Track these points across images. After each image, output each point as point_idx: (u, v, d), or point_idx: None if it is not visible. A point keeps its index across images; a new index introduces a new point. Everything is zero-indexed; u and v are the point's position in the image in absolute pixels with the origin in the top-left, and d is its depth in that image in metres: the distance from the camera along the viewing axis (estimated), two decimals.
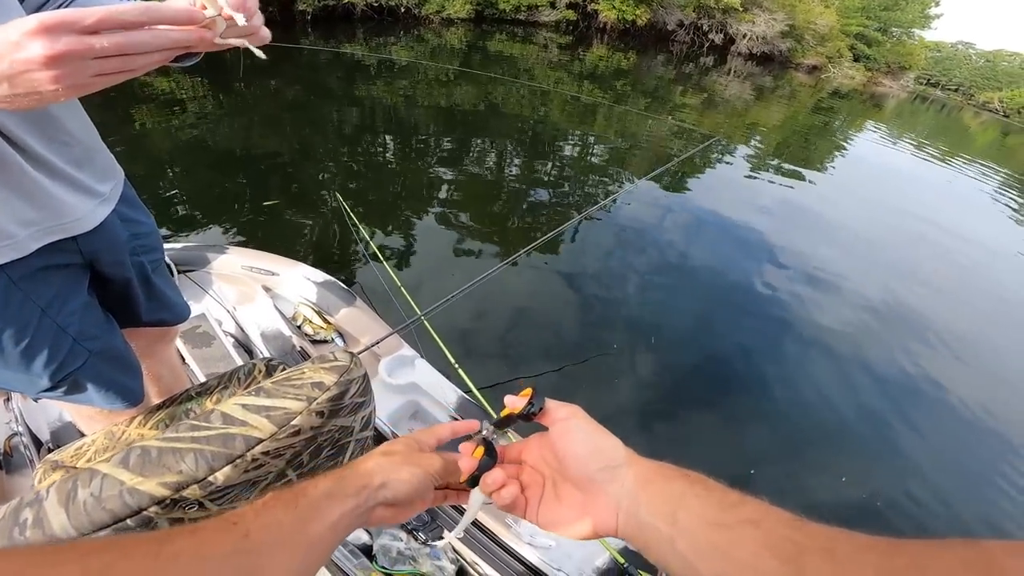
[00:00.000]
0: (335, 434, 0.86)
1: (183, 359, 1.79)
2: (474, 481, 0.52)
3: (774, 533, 0.36)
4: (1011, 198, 11.99)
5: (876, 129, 17.03)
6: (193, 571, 0.35)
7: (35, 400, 1.51)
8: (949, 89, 67.78)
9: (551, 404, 0.53)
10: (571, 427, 0.51)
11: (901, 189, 9.67)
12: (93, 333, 0.93)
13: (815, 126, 14.42)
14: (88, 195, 0.86)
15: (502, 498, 0.51)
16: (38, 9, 0.74)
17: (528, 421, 0.53)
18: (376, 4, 17.13)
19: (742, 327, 4.08)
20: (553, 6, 23.34)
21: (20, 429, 1.51)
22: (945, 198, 10.00)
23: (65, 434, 1.53)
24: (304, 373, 0.81)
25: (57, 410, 1.59)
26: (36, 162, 0.76)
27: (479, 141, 7.07)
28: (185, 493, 0.70)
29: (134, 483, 0.69)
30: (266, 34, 0.65)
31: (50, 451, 1.33)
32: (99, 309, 0.97)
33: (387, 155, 6.15)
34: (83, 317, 0.90)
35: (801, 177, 8.60)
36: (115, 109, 6.17)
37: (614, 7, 23.84)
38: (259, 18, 0.63)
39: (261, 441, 0.77)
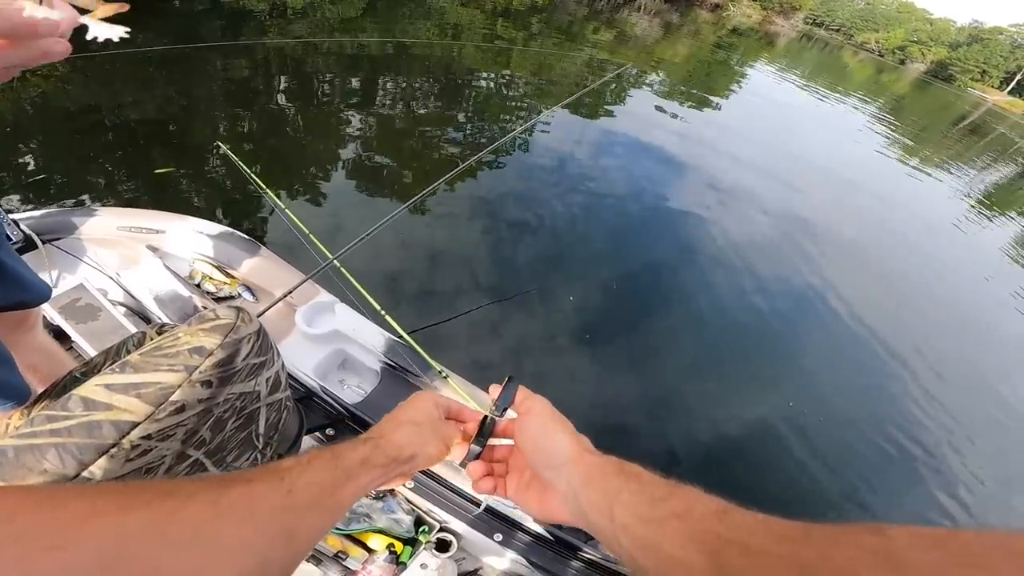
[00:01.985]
0: (236, 403, 0.70)
1: (68, 338, 1.56)
2: (470, 458, 0.56)
3: (698, 526, 0.37)
4: (882, 127, 13.00)
5: (769, 65, 17.66)
6: (245, 523, 0.35)
7: None
8: (832, 29, 71.45)
9: (520, 396, 0.56)
10: (527, 424, 0.54)
11: (789, 119, 10.26)
12: None
13: (716, 61, 14.75)
14: None
15: (479, 487, 0.55)
16: None
17: (500, 417, 0.57)
18: None
19: (657, 248, 4.21)
20: None
21: None
22: (825, 127, 10.71)
23: None
24: (179, 339, 0.64)
25: None
26: None
27: (388, 84, 6.49)
28: None
29: None
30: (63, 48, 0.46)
31: None
32: None
33: (285, 104, 5.46)
34: None
35: (704, 107, 8.86)
36: None
37: None
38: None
39: (137, 424, 0.62)
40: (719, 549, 0.35)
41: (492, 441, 0.58)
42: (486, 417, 0.58)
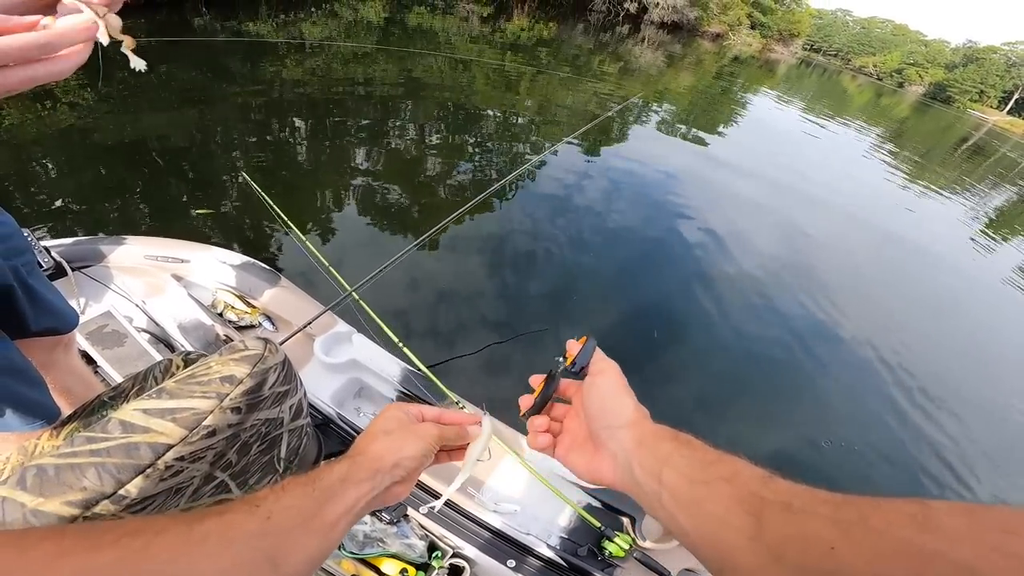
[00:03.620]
0: (261, 428, 0.74)
1: (94, 363, 1.58)
2: (532, 411, 0.57)
3: (744, 489, 0.39)
4: (886, 152, 13.02)
5: (770, 92, 17.85)
6: (221, 551, 0.35)
7: None
8: (830, 54, 72.29)
9: (595, 357, 0.56)
10: (594, 384, 0.54)
11: (793, 147, 10.30)
12: None
13: (719, 90, 14.91)
14: None
15: (536, 442, 0.56)
16: None
17: (576, 377, 0.56)
18: None
19: (667, 281, 4.20)
20: None
21: None
22: (829, 155, 10.73)
23: None
24: (211, 367, 0.69)
25: None
26: None
27: (400, 117, 6.64)
28: (97, 510, 0.63)
29: (36, 504, 0.62)
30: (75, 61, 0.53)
31: None
32: None
33: (301, 136, 5.61)
34: None
35: (708, 137, 8.94)
36: None
37: None
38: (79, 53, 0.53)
39: (171, 447, 0.66)
40: (761, 509, 0.36)
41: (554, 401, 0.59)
42: (552, 372, 0.58)
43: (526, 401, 0.57)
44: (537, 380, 0.59)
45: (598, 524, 1.36)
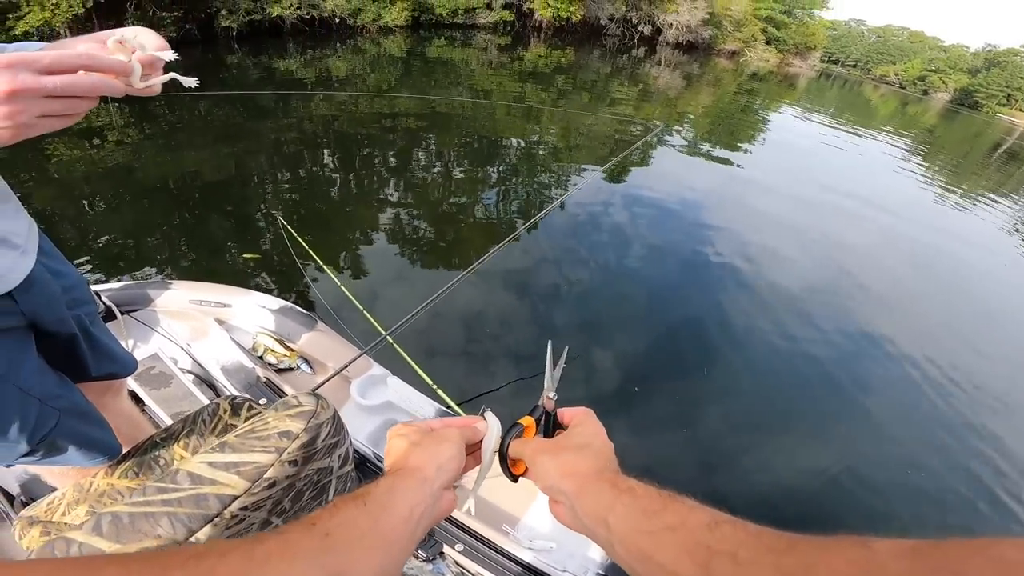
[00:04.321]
0: (313, 477, 0.80)
1: (142, 402, 1.65)
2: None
3: (691, 538, 0.38)
4: (918, 161, 12.71)
5: (792, 107, 17.69)
6: (285, 570, 0.35)
7: (8, 466, 1.36)
8: (848, 65, 71.27)
9: (515, 444, 0.58)
10: (527, 457, 0.56)
11: (821, 161, 10.11)
12: (56, 392, 0.88)
13: (740, 108, 14.84)
14: (6, 247, 0.79)
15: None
16: None
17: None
18: (307, 16, 16.21)
19: (701, 303, 4.15)
20: (490, 7, 23.00)
21: None
22: (860, 167, 10.49)
23: (35, 486, 1.43)
24: (269, 423, 0.75)
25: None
26: None
27: (425, 150, 6.80)
28: None
29: (113, 550, 0.66)
30: (158, 89, 0.67)
31: (23, 503, 1.33)
32: (51, 369, 0.92)
33: (330, 172, 5.82)
34: (42, 379, 0.87)
35: (733, 155, 8.88)
36: (26, 142, 5.63)
37: (549, 5, 23.74)
38: (156, 77, 0.66)
39: (236, 498, 0.72)
40: (708, 560, 0.36)
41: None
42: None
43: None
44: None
45: None
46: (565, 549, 1.44)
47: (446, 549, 1.41)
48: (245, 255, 3.68)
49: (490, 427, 0.60)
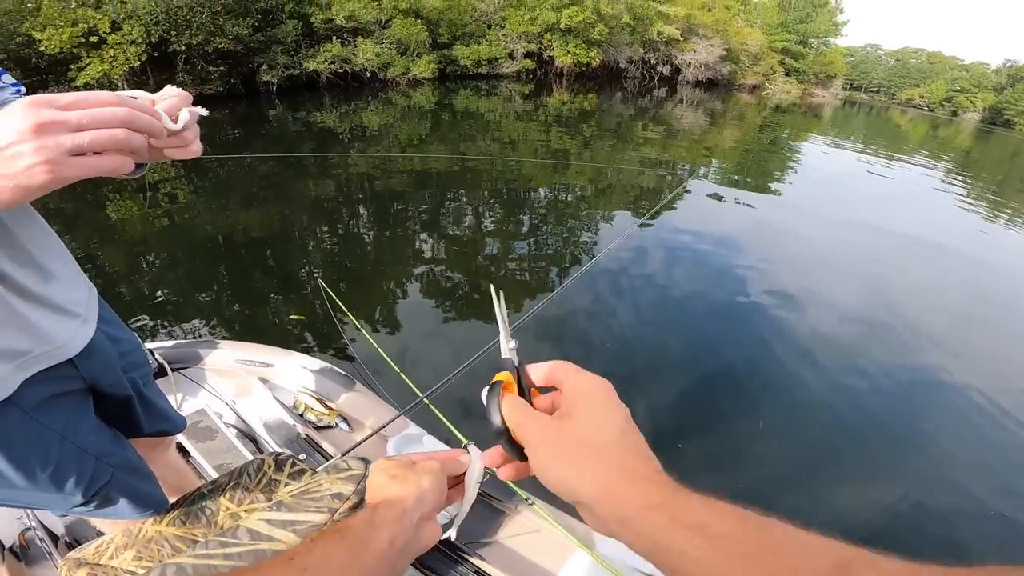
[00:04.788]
0: None
1: (188, 454, 1.74)
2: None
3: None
4: (958, 184, 12.31)
5: (820, 138, 17.53)
6: None
7: (62, 515, 1.48)
8: (872, 91, 70.84)
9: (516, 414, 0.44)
10: (531, 454, 0.43)
11: (856, 192, 9.88)
12: (111, 450, 0.95)
13: (767, 143, 14.79)
14: (68, 317, 0.84)
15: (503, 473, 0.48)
16: None
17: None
18: (341, 71, 17.12)
19: (743, 346, 3.99)
20: (512, 57, 23.92)
21: (33, 524, 1.50)
22: (897, 195, 10.21)
23: (80, 528, 1.51)
24: (321, 485, 0.80)
25: None
26: (12, 288, 0.74)
27: (457, 203, 6.89)
28: None
29: None
30: (197, 148, 0.70)
31: (68, 544, 1.42)
32: (106, 427, 0.98)
33: (366, 228, 5.96)
34: (98, 437, 0.92)
35: (765, 191, 8.80)
36: (85, 198, 5.95)
37: (568, 52, 24.55)
38: (193, 132, 0.69)
39: None
40: None
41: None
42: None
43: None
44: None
45: None
46: None
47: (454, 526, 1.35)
48: (292, 316, 3.80)
49: (473, 460, 0.60)
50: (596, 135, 12.87)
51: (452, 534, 0.65)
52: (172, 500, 1.10)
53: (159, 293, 4.17)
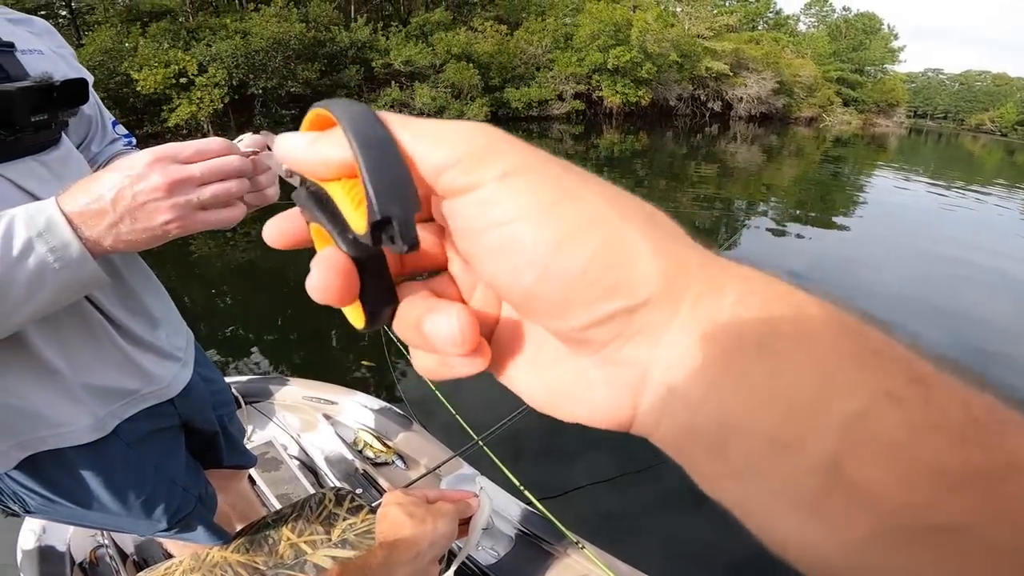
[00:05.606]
0: None
1: (254, 482, 1.84)
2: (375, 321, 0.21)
3: None
4: None
5: (886, 169, 16.70)
6: None
7: (144, 537, 1.56)
8: (938, 118, 67.32)
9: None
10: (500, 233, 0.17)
11: (931, 226, 9.25)
12: (196, 482, 1.02)
13: (829, 176, 14.24)
14: (172, 361, 0.92)
15: (448, 367, 0.20)
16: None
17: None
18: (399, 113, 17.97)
19: None
20: (561, 98, 24.41)
21: (105, 541, 1.55)
22: (978, 227, 9.49)
23: (149, 548, 1.56)
24: None
25: None
26: (125, 334, 0.81)
27: None
28: None
29: None
30: (273, 193, 0.74)
31: (136, 564, 1.48)
32: (192, 460, 1.05)
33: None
34: (187, 470, 1.00)
35: (829, 228, 8.38)
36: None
37: (617, 92, 24.85)
38: (268, 178, 0.72)
39: None
40: None
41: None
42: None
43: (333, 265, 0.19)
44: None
45: None
46: None
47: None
48: (363, 361, 3.94)
49: (482, 505, 0.63)
50: (649, 175, 12.82)
51: (450, 574, 0.68)
52: (239, 527, 1.15)
53: (231, 330, 4.40)
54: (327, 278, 0.18)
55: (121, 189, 0.56)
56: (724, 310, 0.16)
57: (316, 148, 0.18)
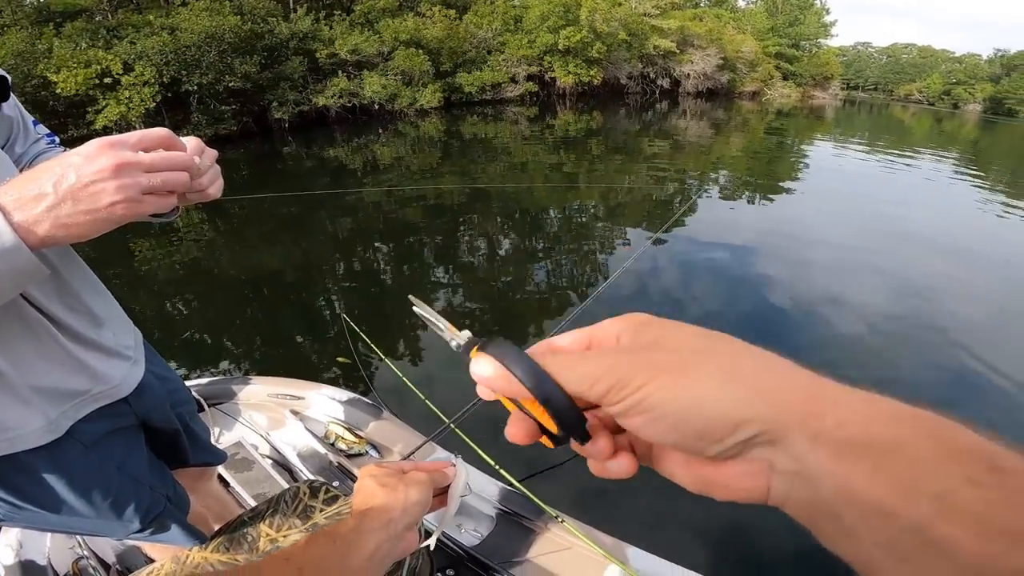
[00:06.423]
0: None
1: (228, 484, 1.81)
2: (561, 439, 0.29)
3: None
4: (969, 176, 12.05)
5: (826, 137, 17.38)
6: None
7: (119, 540, 1.51)
8: (869, 89, 70.43)
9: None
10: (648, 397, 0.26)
11: (869, 189, 9.76)
12: (162, 480, 1.02)
13: (774, 147, 14.69)
14: (120, 359, 0.90)
15: (612, 471, 0.30)
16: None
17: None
18: (349, 104, 17.36)
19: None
20: (514, 81, 24.17)
21: (85, 552, 1.53)
22: (911, 189, 10.05)
23: (131, 556, 1.54)
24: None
25: None
26: (67, 332, 0.79)
27: (471, 230, 6.86)
28: None
29: None
30: (215, 191, 0.73)
31: (120, 573, 1.45)
32: (157, 459, 1.04)
33: (384, 259, 5.97)
34: (151, 468, 0.99)
35: (776, 195, 8.69)
36: (113, 243, 6.01)
37: (569, 72, 24.77)
38: (209, 176, 0.71)
39: None
40: None
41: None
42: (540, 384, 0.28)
43: (526, 428, 0.30)
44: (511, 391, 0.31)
45: None
46: None
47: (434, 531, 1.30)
48: (339, 359, 3.75)
49: (458, 474, 0.61)
50: (604, 152, 12.88)
51: (432, 543, 0.68)
52: (217, 527, 1.13)
53: (188, 335, 4.20)
54: (523, 437, 0.31)
55: (65, 170, 0.55)
56: (825, 430, 0.23)
57: (506, 385, 0.29)
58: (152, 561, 1.16)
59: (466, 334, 0.36)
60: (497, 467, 1.86)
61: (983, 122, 39.62)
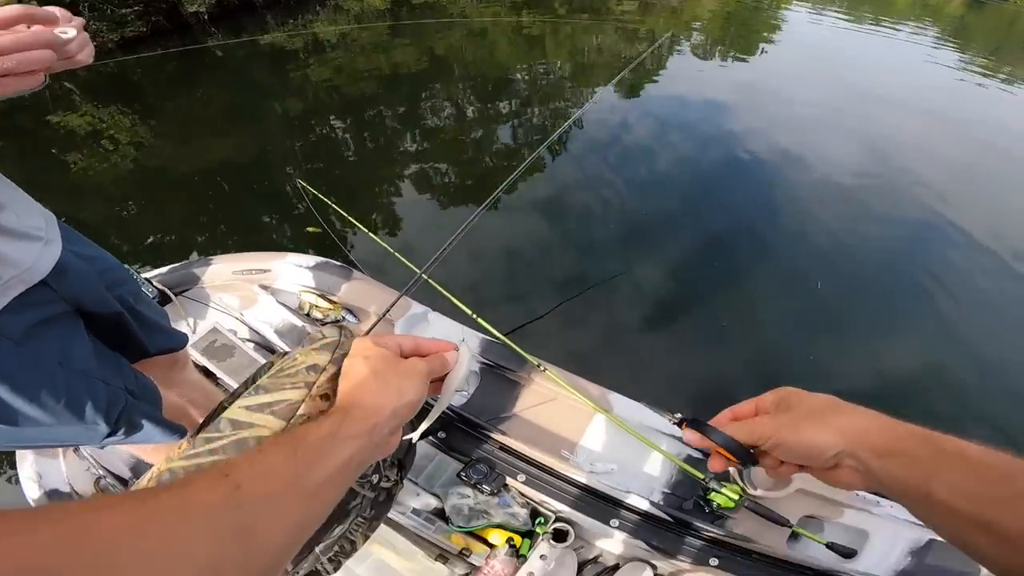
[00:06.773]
0: None
1: (213, 375, 1.74)
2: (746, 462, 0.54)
3: None
4: (949, 51, 11.68)
5: (803, 3, 16.33)
6: (177, 526, 0.31)
7: (100, 448, 1.51)
8: None
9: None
10: (777, 439, 0.50)
11: (845, 56, 9.38)
12: (117, 373, 0.94)
13: (749, 10, 13.81)
14: (28, 241, 0.82)
15: (779, 475, 0.54)
16: None
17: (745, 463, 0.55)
18: None
19: (740, 208, 3.97)
20: None
21: (101, 472, 1.52)
22: (888, 60, 9.73)
23: (143, 468, 1.53)
24: (296, 360, 0.71)
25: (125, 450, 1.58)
26: None
27: (432, 95, 6.47)
28: None
29: None
30: (85, 57, 0.70)
31: None
32: (109, 352, 0.96)
33: (345, 135, 5.63)
34: (100, 360, 0.91)
35: (749, 58, 8.37)
36: (45, 158, 5.45)
37: None
38: (77, 43, 0.68)
39: None
40: None
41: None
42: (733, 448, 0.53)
43: (719, 462, 0.55)
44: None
45: (701, 476, 1.29)
46: (628, 470, 1.39)
47: (509, 481, 1.38)
48: (308, 229, 3.62)
49: (460, 360, 0.55)
50: (570, 11, 11.91)
51: (415, 437, 0.61)
52: (201, 421, 1.06)
53: (149, 236, 3.97)
54: (720, 467, 0.55)
55: None
56: (872, 446, 0.45)
57: (705, 444, 0.53)
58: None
59: (678, 415, 0.60)
60: (475, 316, 1.79)
61: (971, 1, 37.64)
